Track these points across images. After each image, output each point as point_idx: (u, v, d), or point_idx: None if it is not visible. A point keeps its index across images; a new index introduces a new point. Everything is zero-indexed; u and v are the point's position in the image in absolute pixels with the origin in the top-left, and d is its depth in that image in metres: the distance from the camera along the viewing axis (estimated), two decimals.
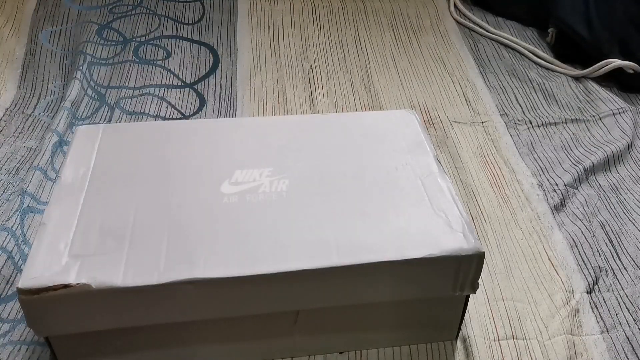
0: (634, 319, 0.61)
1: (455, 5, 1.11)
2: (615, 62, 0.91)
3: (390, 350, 0.57)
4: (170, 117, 0.84)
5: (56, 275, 0.46)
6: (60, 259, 0.48)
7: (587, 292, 0.63)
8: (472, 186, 0.75)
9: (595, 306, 0.62)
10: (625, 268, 0.66)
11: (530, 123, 0.86)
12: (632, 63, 0.91)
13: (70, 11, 1.03)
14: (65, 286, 0.46)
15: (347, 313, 0.54)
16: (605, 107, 0.88)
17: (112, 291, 0.46)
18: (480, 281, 0.53)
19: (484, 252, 0.51)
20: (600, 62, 0.92)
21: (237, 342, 0.54)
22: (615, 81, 0.95)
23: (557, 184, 0.75)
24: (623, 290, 0.63)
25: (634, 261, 0.66)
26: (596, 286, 0.64)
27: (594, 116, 0.87)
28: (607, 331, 0.60)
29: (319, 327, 0.54)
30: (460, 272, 0.51)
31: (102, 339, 0.51)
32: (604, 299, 0.63)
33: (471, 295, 0.55)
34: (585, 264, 0.66)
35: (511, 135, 0.84)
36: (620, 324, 0.60)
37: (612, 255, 0.67)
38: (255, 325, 0.53)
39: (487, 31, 1.05)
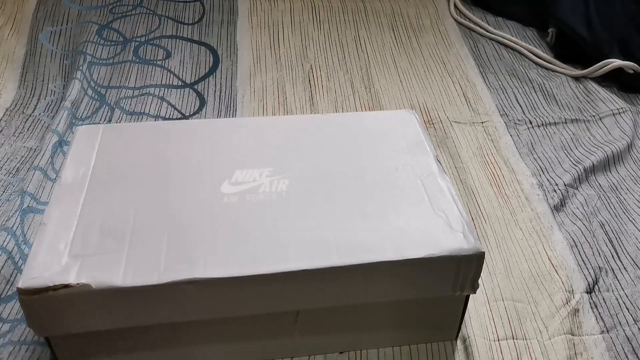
0: (634, 319, 0.61)
1: (455, 5, 1.11)
2: (615, 62, 0.91)
3: (390, 350, 0.57)
4: (170, 117, 0.84)
5: (56, 275, 0.46)
6: (60, 259, 0.48)
7: (587, 292, 0.63)
8: (472, 186, 0.75)
9: (595, 306, 0.62)
10: (625, 268, 0.66)
11: (530, 123, 0.86)
12: (632, 63, 0.91)
13: (70, 11, 1.03)
14: (65, 286, 0.46)
15: (347, 313, 0.54)
16: (605, 107, 0.88)
17: (112, 291, 0.46)
18: (480, 281, 0.53)
19: (484, 252, 0.51)
20: (600, 62, 0.92)
21: (237, 342, 0.54)
22: (615, 81, 0.94)
23: (557, 184, 0.75)
24: (623, 290, 0.63)
25: (634, 261, 0.66)
26: (596, 286, 0.64)
27: (594, 116, 0.87)
28: (607, 331, 0.60)
29: (319, 327, 0.54)
30: (460, 272, 0.51)
31: (102, 339, 0.51)
32: (604, 299, 0.63)
33: (471, 295, 0.55)
34: (585, 264, 0.66)
35: (511, 135, 0.84)
36: (620, 324, 0.60)
37: (612, 255, 0.67)
38: (255, 325, 0.53)
39: (487, 31, 1.05)
